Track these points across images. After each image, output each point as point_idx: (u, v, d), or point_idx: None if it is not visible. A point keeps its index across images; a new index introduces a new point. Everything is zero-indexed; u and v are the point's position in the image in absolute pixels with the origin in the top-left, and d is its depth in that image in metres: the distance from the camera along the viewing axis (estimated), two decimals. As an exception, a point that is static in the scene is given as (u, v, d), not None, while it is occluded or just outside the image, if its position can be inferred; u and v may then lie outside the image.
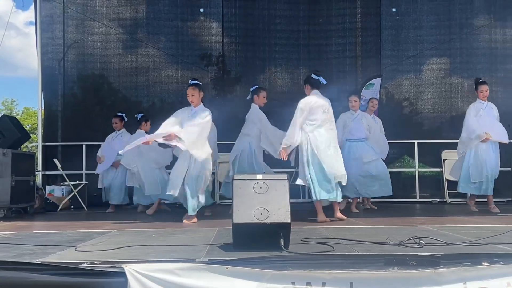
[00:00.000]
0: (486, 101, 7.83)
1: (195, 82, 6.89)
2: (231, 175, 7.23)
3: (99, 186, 9.05)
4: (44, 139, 10.32)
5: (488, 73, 10.97)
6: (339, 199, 6.46)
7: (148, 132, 8.36)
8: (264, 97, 7.82)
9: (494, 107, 7.91)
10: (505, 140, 7.70)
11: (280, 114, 10.95)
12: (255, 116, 7.69)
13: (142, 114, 8.86)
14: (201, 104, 6.84)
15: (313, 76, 6.83)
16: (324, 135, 6.45)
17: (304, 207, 7.97)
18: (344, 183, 6.48)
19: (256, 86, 8.09)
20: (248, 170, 7.31)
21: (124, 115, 9.10)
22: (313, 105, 6.52)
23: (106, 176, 8.91)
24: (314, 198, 6.36)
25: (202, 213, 6.91)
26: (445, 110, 10.93)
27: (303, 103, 6.55)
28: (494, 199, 7.88)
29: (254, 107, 7.78)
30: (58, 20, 10.82)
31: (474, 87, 8.05)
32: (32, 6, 10.65)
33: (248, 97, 8.04)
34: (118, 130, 9.04)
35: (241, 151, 7.69)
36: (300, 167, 6.61)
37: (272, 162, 8.45)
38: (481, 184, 7.57)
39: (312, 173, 6.30)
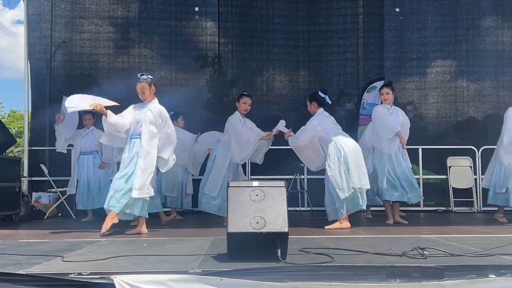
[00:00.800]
0: None
1: (145, 77, 6.96)
2: None
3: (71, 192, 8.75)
4: (31, 143, 10.30)
5: (495, 76, 11.03)
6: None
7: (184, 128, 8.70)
8: (245, 103, 7.64)
9: None
10: None
11: (280, 118, 11.03)
12: (228, 123, 7.66)
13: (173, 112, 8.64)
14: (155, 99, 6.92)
15: (320, 94, 7.04)
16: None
17: (303, 216, 7.98)
18: None
19: (242, 92, 8.00)
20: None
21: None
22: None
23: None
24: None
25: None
26: (451, 115, 10.96)
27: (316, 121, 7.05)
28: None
29: (235, 113, 7.72)
30: (46, 19, 10.81)
31: None
32: (20, 4, 10.63)
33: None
34: (88, 128, 8.68)
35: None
36: None
37: (274, 169, 8.52)
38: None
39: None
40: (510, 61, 10.83)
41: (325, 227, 6.62)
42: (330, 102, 7.15)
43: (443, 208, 10.24)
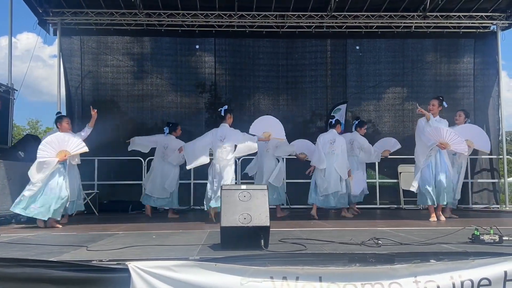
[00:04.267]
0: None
1: None
2: None
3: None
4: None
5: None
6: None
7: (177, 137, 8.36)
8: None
9: None
10: None
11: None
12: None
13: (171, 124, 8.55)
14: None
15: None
16: None
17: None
18: None
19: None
20: None
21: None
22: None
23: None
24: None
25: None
26: (400, 131, 11.00)
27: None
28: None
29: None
30: (76, 54, 10.82)
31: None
32: (56, 42, 10.60)
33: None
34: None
35: None
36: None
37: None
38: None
39: None
40: (446, 89, 10.88)
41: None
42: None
43: (395, 206, 10.26)
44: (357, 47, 11.30)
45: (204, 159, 6.91)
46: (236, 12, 10.42)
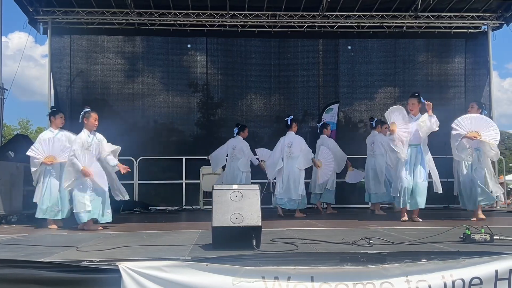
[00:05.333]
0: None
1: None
2: None
3: None
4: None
5: (426, 100, 11.12)
6: None
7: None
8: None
9: None
10: None
11: (256, 134, 11.09)
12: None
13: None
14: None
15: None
16: None
17: (274, 213, 7.93)
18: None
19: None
20: None
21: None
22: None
23: None
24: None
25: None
26: (392, 130, 11.02)
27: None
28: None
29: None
30: (66, 53, 10.74)
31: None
32: (47, 41, 10.53)
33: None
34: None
35: None
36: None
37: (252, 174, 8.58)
38: None
39: None
40: (437, 89, 10.96)
41: None
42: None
43: (387, 205, 10.26)
44: (349, 47, 11.32)
45: (280, 164, 7.80)
46: (228, 12, 10.40)
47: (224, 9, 10.33)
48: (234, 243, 3.69)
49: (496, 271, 3.21)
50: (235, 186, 3.91)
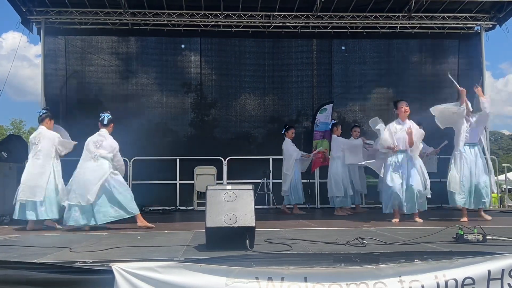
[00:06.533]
0: None
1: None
2: None
3: None
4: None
5: (419, 101, 11.16)
6: None
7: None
8: (292, 132, 8.98)
9: None
10: None
11: (250, 134, 11.09)
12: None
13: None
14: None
15: None
16: None
17: (268, 213, 7.95)
18: None
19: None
20: None
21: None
22: None
23: None
24: None
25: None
26: (386, 131, 11.04)
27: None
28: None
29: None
30: (61, 54, 10.69)
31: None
32: (41, 41, 10.50)
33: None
34: None
35: None
36: None
37: (246, 175, 8.56)
38: None
39: None
40: (430, 89, 10.98)
41: None
42: None
43: (380, 205, 10.27)
44: (343, 47, 11.34)
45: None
46: (222, 12, 10.40)
47: (218, 9, 10.32)
48: (228, 244, 3.69)
49: (489, 271, 3.22)
50: (228, 187, 3.91)
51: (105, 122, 6.38)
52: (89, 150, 6.15)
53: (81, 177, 5.99)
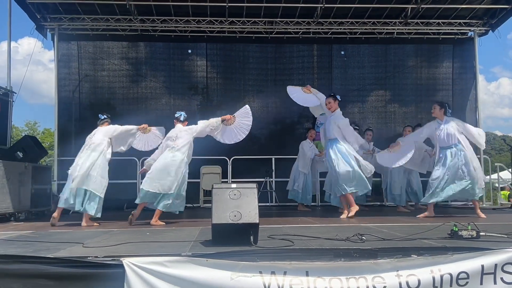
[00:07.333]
0: None
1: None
2: None
3: None
4: (60, 154, 10.14)
5: (415, 103, 11.21)
6: None
7: None
8: (313, 134, 9.11)
9: None
10: None
11: (253, 135, 11.08)
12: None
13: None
14: None
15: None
16: None
17: (271, 210, 7.94)
18: None
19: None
20: None
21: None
22: None
23: None
24: None
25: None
26: (383, 132, 11.06)
27: None
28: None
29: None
30: (74, 59, 10.75)
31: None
32: (54, 47, 10.56)
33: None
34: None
35: None
36: None
37: (250, 173, 8.52)
38: None
39: None
40: (426, 92, 11.00)
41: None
42: None
43: (379, 203, 10.29)
44: (342, 52, 11.34)
45: None
46: (227, 19, 10.41)
47: (223, 16, 10.33)
48: (233, 240, 3.69)
49: (482, 266, 3.21)
50: (233, 185, 3.91)
51: (181, 119, 7.08)
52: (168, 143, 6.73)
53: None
